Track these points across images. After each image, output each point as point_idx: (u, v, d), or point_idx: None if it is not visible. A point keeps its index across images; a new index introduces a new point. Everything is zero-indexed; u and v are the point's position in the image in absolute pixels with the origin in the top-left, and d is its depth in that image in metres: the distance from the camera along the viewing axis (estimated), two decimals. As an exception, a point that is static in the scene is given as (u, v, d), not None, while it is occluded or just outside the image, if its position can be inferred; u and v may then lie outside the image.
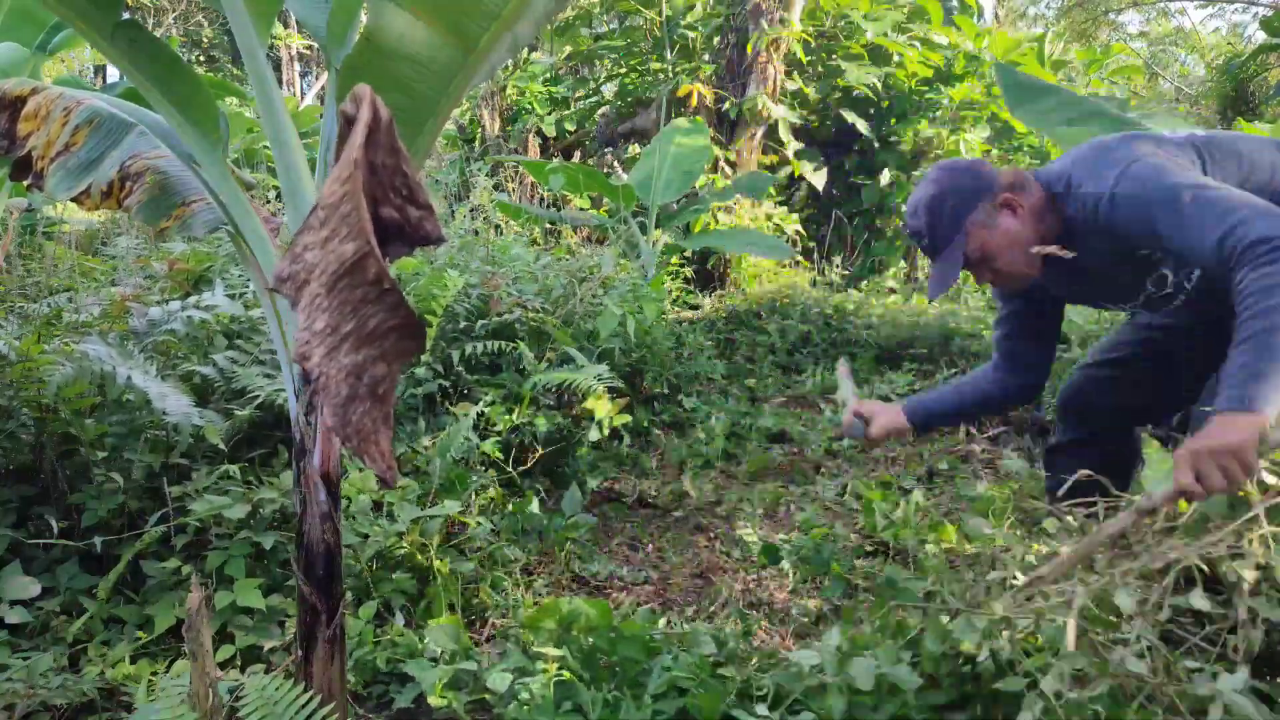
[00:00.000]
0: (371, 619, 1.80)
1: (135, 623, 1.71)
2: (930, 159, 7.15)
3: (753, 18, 6.15)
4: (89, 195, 1.52)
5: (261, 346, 2.30)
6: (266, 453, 2.20)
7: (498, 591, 2.06)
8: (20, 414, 1.82)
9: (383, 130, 0.97)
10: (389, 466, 0.99)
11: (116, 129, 1.57)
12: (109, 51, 1.35)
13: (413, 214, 1.01)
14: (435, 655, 1.68)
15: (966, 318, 5.45)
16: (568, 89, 8.43)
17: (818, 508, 2.87)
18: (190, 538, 1.81)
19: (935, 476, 3.19)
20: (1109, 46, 15.04)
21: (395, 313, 0.96)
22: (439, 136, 1.49)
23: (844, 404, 2.14)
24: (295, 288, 0.94)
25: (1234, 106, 10.93)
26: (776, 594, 2.16)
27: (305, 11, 1.44)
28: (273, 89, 1.31)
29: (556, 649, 1.53)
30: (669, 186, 5.18)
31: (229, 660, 1.68)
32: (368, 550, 1.88)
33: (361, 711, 1.63)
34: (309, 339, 0.93)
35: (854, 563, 2.34)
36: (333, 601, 1.34)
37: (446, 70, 1.18)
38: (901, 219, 7.14)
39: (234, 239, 1.45)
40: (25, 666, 1.50)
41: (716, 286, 6.18)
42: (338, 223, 0.92)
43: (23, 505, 1.83)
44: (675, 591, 2.23)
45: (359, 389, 0.95)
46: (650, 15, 6.77)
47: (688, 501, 2.89)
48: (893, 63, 6.91)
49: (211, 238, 2.97)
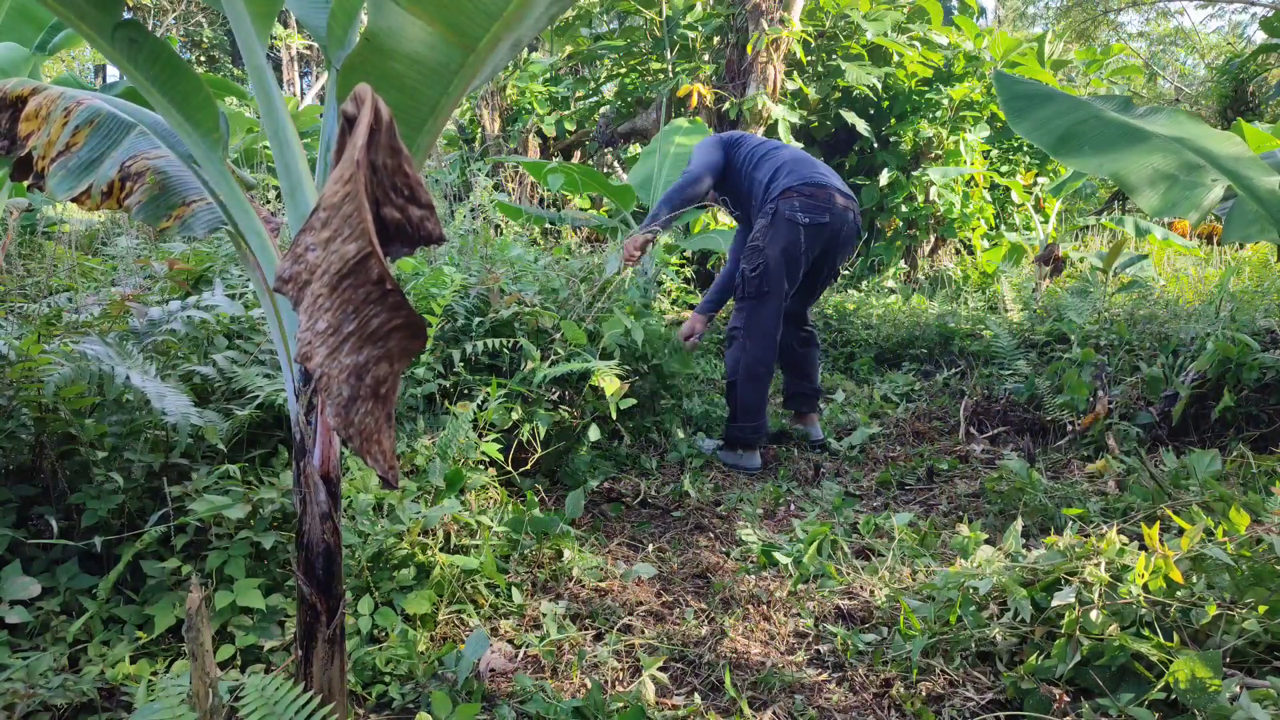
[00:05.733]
0: (371, 615, 1.80)
1: (135, 623, 1.71)
2: (930, 159, 7.15)
3: (753, 18, 6.15)
4: (89, 195, 1.52)
5: (261, 346, 2.30)
6: (266, 453, 2.19)
7: (496, 592, 2.07)
8: (20, 414, 1.82)
9: (384, 130, 0.97)
10: (391, 467, 0.99)
11: (117, 129, 1.57)
12: (109, 51, 1.35)
13: (414, 214, 1.01)
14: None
15: (966, 317, 5.46)
16: (568, 89, 8.43)
17: (818, 508, 2.87)
18: (190, 538, 1.81)
19: (935, 476, 3.19)
20: (1109, 46, 15.03)
21: (398, 313, 0.96)
22: (439, 136, 1.49)
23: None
24: (297, 288, 0.94)
25: (1234, 106, 10.94)
26: (776, 594, 2.16)
27: (305, 11, 1.44)
28: (273, 89, 1.31)
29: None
30: (669, 186, 5.17)
31: (229, 660, 1.68)
32: (368, 550, 1.88)
33: (361, 711, 1.63)
34: (311, 339, 0.93)
35: (853, 563, 2.34)
36: (333, 601, 1.34)
37: (447, 70, 1.18)
38: (901, 219, 7.15)
39: (234, 239, 1.44)
40: (25, 666, 1.50)
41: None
42: (340, 223, 0.92)
43: (23, 505, 1.83)
44: (675, 591, 2.23)
45: (361, 389, 0.95)
46: (650, 15, 6.77)
47: (688, 501, 2.89)
48: (893, 63, 6.91)
49: (211, 238, 2.96)
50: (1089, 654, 1.61)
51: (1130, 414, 3.30)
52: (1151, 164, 2.47)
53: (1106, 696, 1.56)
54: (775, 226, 3.24)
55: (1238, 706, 1.39)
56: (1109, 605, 1.66)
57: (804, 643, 1.96)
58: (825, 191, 3.27)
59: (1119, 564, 1.73)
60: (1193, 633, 1.64)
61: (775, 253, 3.22)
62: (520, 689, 1.68)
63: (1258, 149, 4.18)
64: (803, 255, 3.26)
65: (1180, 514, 2.18)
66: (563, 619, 1.98)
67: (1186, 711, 1.48)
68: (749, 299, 3.27)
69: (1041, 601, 1.76)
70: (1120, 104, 2.89)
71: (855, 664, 1.84)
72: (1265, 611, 1.62)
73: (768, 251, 3.23)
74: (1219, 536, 1.79)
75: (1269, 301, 4.33)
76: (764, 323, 3.26)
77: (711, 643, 1.94)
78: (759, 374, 3.29)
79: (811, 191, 3.26)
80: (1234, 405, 3.02)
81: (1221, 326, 3.62)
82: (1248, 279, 5.44)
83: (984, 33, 7.37)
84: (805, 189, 3.26)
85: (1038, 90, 2.89)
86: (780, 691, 1.74)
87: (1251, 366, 3.03)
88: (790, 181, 3.28)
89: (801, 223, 3.22)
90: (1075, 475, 2.97)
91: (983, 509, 2.78)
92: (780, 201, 3.25)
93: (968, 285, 6.82)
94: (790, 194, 3.25)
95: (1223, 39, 20.82)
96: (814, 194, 3.26)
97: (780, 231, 3.23)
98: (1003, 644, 1.76)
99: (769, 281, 3.23)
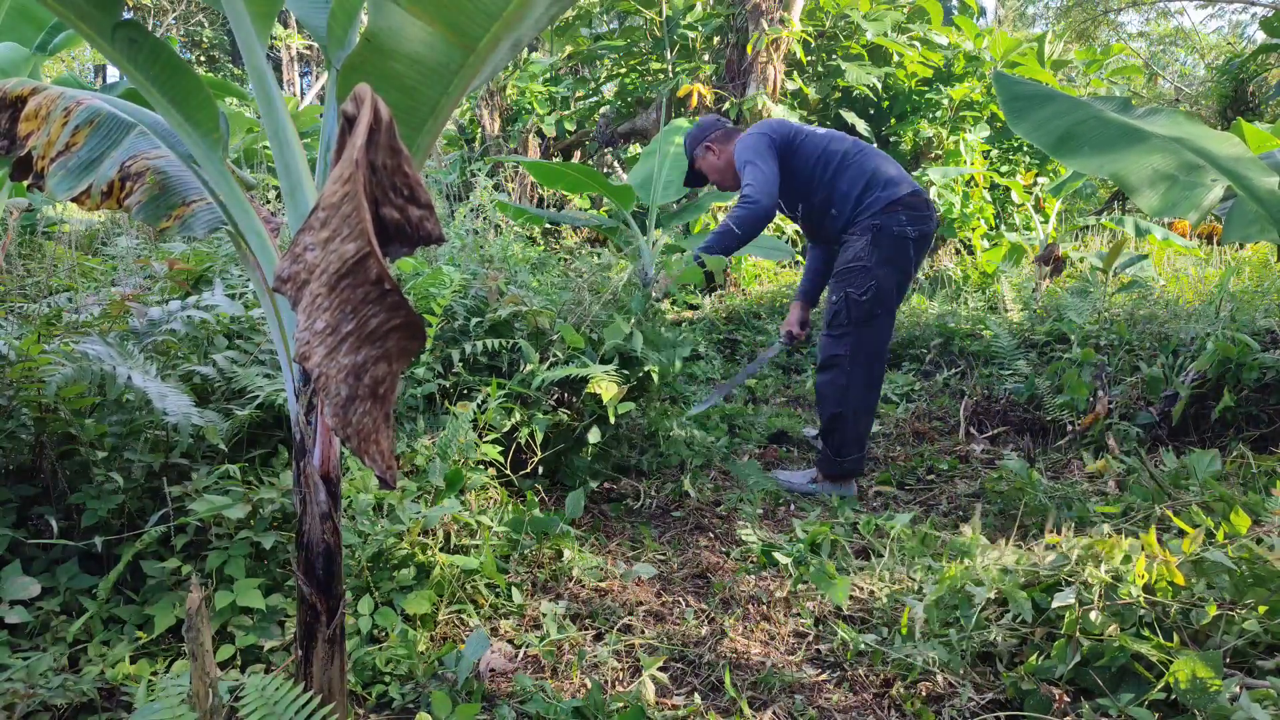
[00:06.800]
0: (371, 615, 1.80)
1: (135, 623, 1.71)
2: (930, 159, 7.15)
3: (753, 18, 6.15)
4: (89, 195, 1.52)
5: (261, 346, 2.30)
6: (266, 453, 2.19)
7: (496, 592, 2.07)
8: (20, 414, 1.82)
9: (383, 130, 0.97)
10: (389, 467, 0.99)
11: (117, 129, 1.57)
12: (109, 51, 1.35)
13: (414, 214, 1.01)
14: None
15: (966, 317, 5.46)
16: (568, 89, 8.43)
17: (818, 508, 2.87)
18: (190, 538, 1.81)
19: (935, 476, 3.19)
20: (1109, 46, 15.03)
21: (396, 313, 0.96)
22: (439, 136, 1.49)
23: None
24: (296, 288, 0.94)
25: (1234, 106, 10.94)
26: (776, 594, 2.16)
27: (305, 11, 1.44)
28: (273, 89, 1.31)
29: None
30: (669, 186, 5.18)
31: (229, 660, 1.68)
32: (368, 550, 1.88)
33: (361, 711, 1.63)
34: (309, 339, 0.93)
35: (853, 563, 2.34)
36: (333, 601, 1.34)
37: (447, 70, 1.18)
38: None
39: (234, 239, 1.44)
40: (25, 666, 1.50)
41: (717, 287, 6.19)
42: (339, 223, 0.92)
43: (23, 505, 1.83)
44: (675, 591, 2.23)
45: (360, 389, 0.95)
46: (650, 15, 6.77)
47: (688, 501, 2.89)
48: (893, 63, 6.91)
49: (211, 238, 2.96)
50: (1089, 654, 1.61)
51: (1130, 414, 3.30)
52: (1151, 164, 2.47)
53: (1106, 697, 1.56)
54: (881, 245, 2.97)
55: (1238, 707, 1.39)
56: (1109, 606, 1.66)
57: (804, 643, 1.96)
58: (921, 198, 3.05)
59: (1120, 568, 1.73)
60: (1193, 633, 1.64)
61: (887, 272, 2.98)
62: (520, 689, 1.68)
63: (1257, 149, 4.18)
64: (913, 269, 3.08)
65: (1180, 514, 2.18)
66: (563, 619, 1.98)
67: (1186, 712, 1.48)
68: (856, 324, 3.00)
69: (1041, 602, 1.76)
70: (1120, 104, 2.88)
71: (855, 664, 1.84)
72: (1265, 612, 1.62)
73: (878, 272, 2.96)
74: (1219, 538, 1.79)
75: (1269, 301, 4.33)
76: (876, 346, 3.03)
77: (711, 643, 1.94)
78: (872, 404, 3.07)
79: (913, 201, 3.01)
80: (1234, 405, 3.02)
81: (1221, 326, 3.62)
82: (1248, 279, 5.44)
83: (984, 33, 7.37)
84: (909, 199, 3.01)
85: (1037, 91, 2.88)
86: (780, 691, 1.74)
87: (1251, 366, 3.03)
88: (894, 193, 3.00)
89: (911, 237, 2.99)
90: (1075, 475, 2.97)
91: (983, 509, 2.78)
92: (883, 217, 2.98)
93: (968, 285, 6.83)
94: (896, 207, 2.99)
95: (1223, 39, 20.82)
96: (915, 203, 3.01)
97: (890, 249, 2.97)
98: (1003, 644, 1.76)
99: (881, 304, 2.99)
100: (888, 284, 2.98)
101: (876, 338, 3.03)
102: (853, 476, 3.06)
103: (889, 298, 3.01)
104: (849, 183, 3.07)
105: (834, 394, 3.04)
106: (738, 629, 2.00)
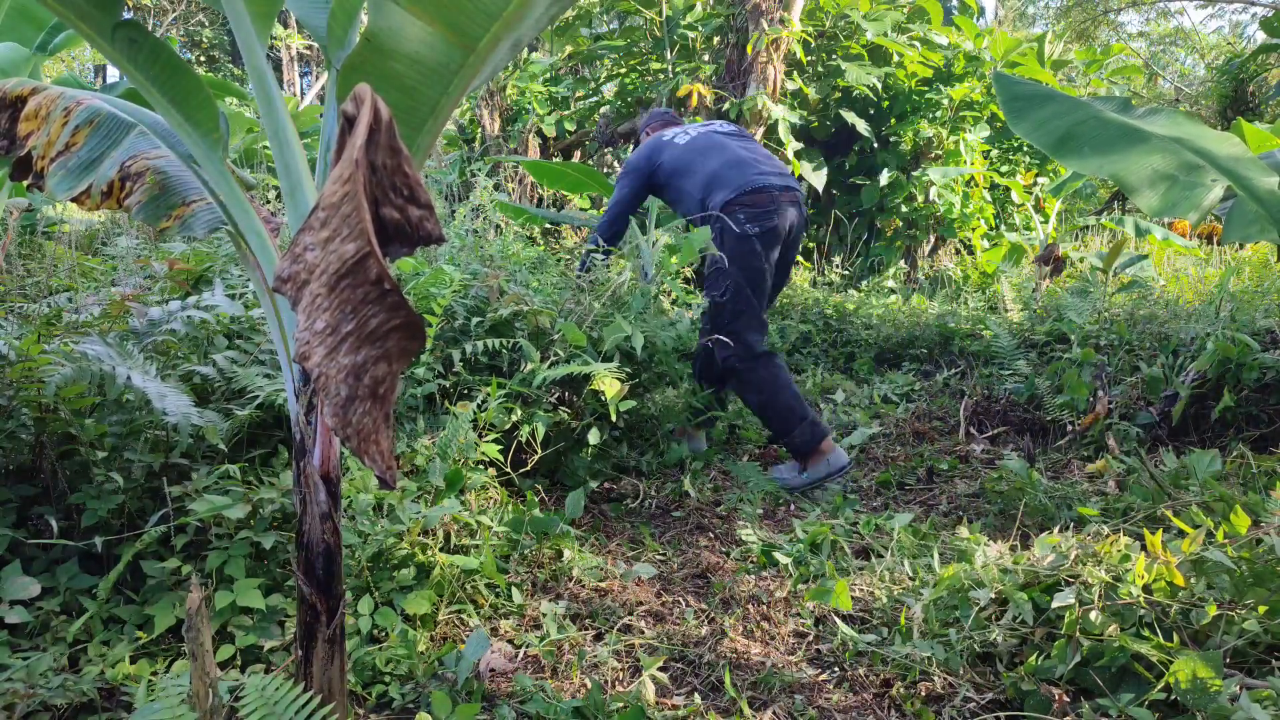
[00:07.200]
0: (371, 615, 1.80)
1: (135, 623, 1.71)
2: (930, 159, 7.15)
3: (753, 18, 6.14)
4: (89, 195, 1.52)
5: (261, 346, 2.30)
6: (266, 453, 2.19)
7: (496, 592, 2.07)
8: (20, 414, 1.82)
9: (383, 130, 0.97)
10: (389, 467, 0.99)
11: (116, 129, 1.57)
12: (109, 51, 1.35)
13: (414, 214, 1.01)
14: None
15: (966, 317, 5.46)
16: (568, 89, 8.42)
17: (818, 508, 2.87)
18: (190, 538, 1.81)
19: (935, 476, 3.19)
20: (1109, 46, 15.03)
21: (396, 313, 0.96)
22: (439, 136, 1.49)
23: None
24: (295, 288, 0.94)
25: (1234, 106, 10.94)
26: (777, 594, 2.16)
27: (305, 11, 1.44)
28: (273, 89, 1.31)
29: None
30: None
31: (229, 660, 1.68)
32: (368, 550, 1.88)
33: (361, 711, 1.63)
34: (309, 339, 0.93)
35: (853, 562, 2.34)
36: (333, 601, 1.34)
37: (447, 70, 1.18)
38: (901, 219, 7.16)
39: (234, 239, 1.44)
40: (25, 666, 1.50)
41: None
42: (339, 223, 0.92)
43: (23, 505, 1.83)
44: (675, 591, 2.23)
45: (359, 389, 0.95)
46: (650, 15, 6.77)
47: (688, 501, 2.89)
48: (893, 63, 6.90)
49: (211, 238, 2.96)
50: (1089, 654, 1.61)
51: (1130, 414, 3.30)
52: (1151, 164, 2.47)
53: (1106, 697, 1.56)
54: (727, 246, 3.13)
55: (1238, 707, 1.39)
56: (1109, 606, 1.66)
57: (804, 643, 1.96)
58: (765, 195, 3.14)
59: (1120, 568, 1.73)
60: (1193, 633, 1.64)
61: (737, 269, 3.12)
62: (520, 689, 1.68)
63: (1257, 149, 4.17)
64: (765, 263, 3.17)
65: (1180, 514, 2.18)
66: (563, 619, 1.98)
67: (1186, 712, 1.48)
68: (728, 323, 3.14)
69: (1041, 602, 1.76)
70: (1119, 104, 2.88)
71: (855, 664, 1.84)
72: (1265, 612, 1.62)
73: (730, 270, 3.11)
74: (1219, 538, 1.79)
75: (1269, 301, 4.33)
76: (751, 333, 3.15)
77: (711, 643, 1.94)
78: (777, 374, 3.15)
79: (751, 199, 3.13)
80: (1234, 405, 3.02)
81: (1221, 326, 3.61)
82: (1248, 279, 5.44)
83: (984, 33, 7.37)
84: (747, 198, 3.13)
85: (1037, 91, 2.88)
86: (780, 691, 1.74)
87: (1251, 366, 3.03)
88: (728, 194, 3.15)
89: (753, 234, 3.11)
90: (1075, 475, 2.97)
91: (983, 509, 2.78)
92: (725, 219, 3.12)
93: (968, 285, 6.83)
94: (733, 208, 3.13)
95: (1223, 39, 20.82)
96: (754, 200, 3.13)
97: (733, 249, 3.12)
98: (1003, 644, 1.76)
99: (742, 300, 3.13)
100: (742, 281, 3.14)
101: (748, 326, 3.16)
102: (822, 440, 3.11)
103: (747, 295, 3.15)
104: (695, 188, 3.29)
105: (746, 391, 3.19)
106: (738, 629, 2.00)
